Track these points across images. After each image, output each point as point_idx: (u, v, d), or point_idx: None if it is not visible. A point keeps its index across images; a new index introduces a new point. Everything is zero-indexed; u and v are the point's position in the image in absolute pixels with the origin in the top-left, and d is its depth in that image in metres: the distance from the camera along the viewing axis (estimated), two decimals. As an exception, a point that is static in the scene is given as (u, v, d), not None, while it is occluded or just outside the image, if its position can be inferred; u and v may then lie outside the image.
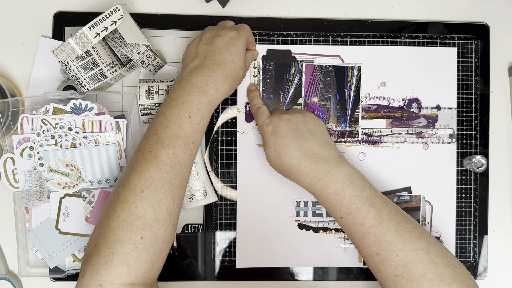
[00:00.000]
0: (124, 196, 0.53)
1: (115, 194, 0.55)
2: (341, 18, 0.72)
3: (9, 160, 0.66)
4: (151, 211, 0.53)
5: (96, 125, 0.66)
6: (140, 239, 0.51)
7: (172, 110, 0.58)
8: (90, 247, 0.53)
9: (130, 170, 0.55)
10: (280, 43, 0.71)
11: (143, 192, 0.53)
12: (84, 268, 0.52)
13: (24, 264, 0.68)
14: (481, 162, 0.71)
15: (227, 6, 0.71)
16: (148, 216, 0.52)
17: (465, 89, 0.72)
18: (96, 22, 0.62)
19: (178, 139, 0.57)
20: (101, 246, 0.51)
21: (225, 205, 0.70)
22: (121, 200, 0.53)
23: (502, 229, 0.73)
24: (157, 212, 0.53)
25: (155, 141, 0.56)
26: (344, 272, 0.71)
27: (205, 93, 0.59)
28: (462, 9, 0.74)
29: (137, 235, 0.51)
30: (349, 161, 0.71)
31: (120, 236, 0.51)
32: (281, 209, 0.71)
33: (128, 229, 0.51)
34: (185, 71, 0.62)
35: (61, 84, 0.69)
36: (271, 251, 0.70)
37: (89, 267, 0.51)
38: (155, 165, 0.55)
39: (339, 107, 0.71)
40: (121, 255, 0.50)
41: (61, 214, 0.67)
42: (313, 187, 0.62)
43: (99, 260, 0.51)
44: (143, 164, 0.55)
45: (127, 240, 0.51)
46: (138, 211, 0.52)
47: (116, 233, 0.51)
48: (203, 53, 0.62)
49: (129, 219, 0.52)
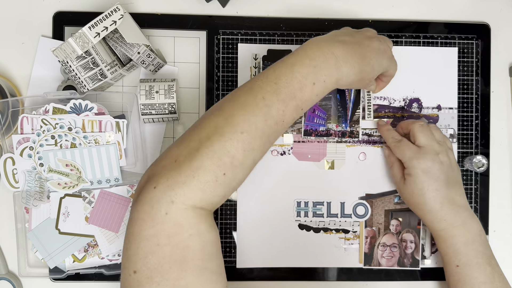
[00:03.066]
0: (223, 129, 0.52)
1: (212, 121, 0.53)
2: (341, 18, 0.72)
3: (9, 160, 0.66)
4: (241, 155, 0.52)
5: (96, 125, 0.66)
6: (223, 175, 0.51)
7: (302, 69, 0.56)
8: (168, 161, 0.52)
9: (236, 105, 0.54)
10: (280, 43, 0.71)
11: (242, 134, 0.52)
12: (157, 180, 0.51)
13: (24, 264, 0.68)
14: (481, 162, 0.71)
15: (227, 5, 0.71)
16: (237, 158, 0.52)
17: (465, 89, 0.72)
18: (96, 22, 0.62)
19: (294, 100, 0.55)
20: (183, 166, 0.51)
21: (225, 205, 0.70)
22: (219, 132, 0.52)
23: (503, 229, 0.73)
24: (245, 158, 0.53)
25: (272, 90, 0.54)
26: (345, 272, 0.71)
27: (339, 69, 0.57)
28: (462, 9, 0.73)
29: (222, 170, 0.51)
30: (350, 161, 0.71)
31: (206, 164, 0.51)
32: (281, 209, 0.71)
33: (215, 162, 0.51)
34: (331, 37, 0.59)
35: (61, 84, 0.69)
36: (272, 251, 0.70)
37: (165, 181, 0.50)
38: (263, 115, 0.53)
39: (339, 107, 0.71)
40: (201, 182, 0.50)
41: (61, 214, 0.66)
42: (444, 231, 0.64)
43: (177, 178, 0.50)
44: (252, 108, 0.53)
45: (211, 171, 0.51)
46: (231, 149, 0.52)
47: (203, 160, 0.51)
48: (356, 39, 0.60)
49: (219, 153, 0.51)
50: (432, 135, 0.65)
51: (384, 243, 0.71)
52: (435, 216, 0.63)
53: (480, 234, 0.63)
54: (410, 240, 0.71)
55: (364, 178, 0.71)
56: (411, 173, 0.64)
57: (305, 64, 0.56)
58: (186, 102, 0.71)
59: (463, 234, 0.63)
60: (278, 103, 0.54)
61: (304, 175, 0.71)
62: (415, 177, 0.63)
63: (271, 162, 0.71)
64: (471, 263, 0.63)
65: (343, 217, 0.71)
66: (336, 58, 0.57)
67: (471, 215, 0.64)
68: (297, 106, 0.56)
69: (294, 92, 0.55)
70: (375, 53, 0.60)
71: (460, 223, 0.63)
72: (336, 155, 0.71)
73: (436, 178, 0.63)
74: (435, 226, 0.64)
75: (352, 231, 0.71)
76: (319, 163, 0.71)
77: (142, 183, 0.53)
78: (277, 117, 0.54)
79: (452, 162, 0.65)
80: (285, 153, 0.71)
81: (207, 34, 0.71)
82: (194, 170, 0.50)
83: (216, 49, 0.71)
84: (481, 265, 0.62)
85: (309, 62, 0.56)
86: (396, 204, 0.71)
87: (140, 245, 0.49)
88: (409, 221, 0.71)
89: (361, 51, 0.59)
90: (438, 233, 0.64)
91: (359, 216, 0.71)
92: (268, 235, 0.70)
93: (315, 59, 0.56)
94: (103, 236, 0.67)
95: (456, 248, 0.63)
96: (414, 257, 0.71)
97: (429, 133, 0.65)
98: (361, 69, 0.59)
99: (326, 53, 0.57)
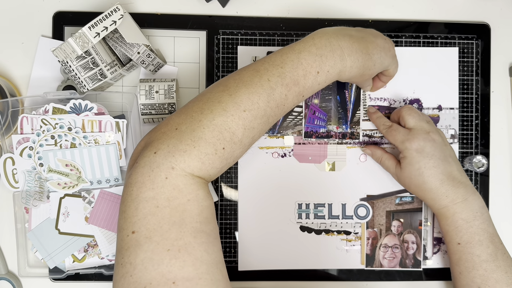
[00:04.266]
0: (226, 104, 0.53)
1: (215, 95, 0.54)
2: (341, 18, 0.72)
3: (8, 160, 0.66)
4: (241, 132, 0.53)
5: (96, 125, 0.66)
6: (222, 149, 0.52)
7: (308, 57, 0.57)
8: (168, 128, 0.53)
9: (241, 83, 0.55)
10: (280, 43, 0.71)
11: (244, 112, 0.53)
12: (157, 145, 0.51)
13: (24, 265, 0.68)
14: (481, 162, 0.70)
15: (227, 5, 0.71)
16: (237, 134, 0.53)
17: (465, 89, 0.72)
18: (96, 22, 0.62)
19: (297, 86, 0.56)
20: (184, 134, 0.52)
21: (225, 205, 0.70)
22: (222, 107, 0.53)
23: (503, 229, 0.73)
24: (245, 135, 0.54)
25: (278, 73, 0.56)
26: (346, 273, 0.71)
27: (343, 61, 0.58)
28: (462, 9, 0.74)
29: (221, 144, 0.52)
30: (351, 162, 0.71)
31: (207, 136, 0.52)
32: (282, 211, 0.70)
33: (216, 135, 0.52)
34: (339, 30, 0.60)
35: (61, 84, 0.69)
36: (273, 254, 0.70)
37: (165, 147, 0.51)
38: (266, 96, 0.55)
39: (340, 108, 0.71)
40: (201, 153, 0.51)
41: (61, 214, 0.66)
42: (446, 209, 0.63)
43: (178, 145, 0.51)
44: (257, 88, 0.54)
45: (212, 143, 0.52)
46: (232, 125, 0.53)
47: (204, 132, 0.52)
48: (362, 34, 0.61)
49: (221, 127, 0.52)
50: (420, 116, 0.65)
51: (386, 244, 0.71)
52: (436, 193, 0.63)
53: (482, 211, 0.63)
54: (412, 241, 0.71)
55: (365, 179, 0.71)
56: (405, 156, 0.64)
57: (312, 52, 0.57)
58: (186, 102, 0.71)
59: (464, 210, 0.62)
60: (282, 87, 0.55)
61: (305, 177, 0.71)
62: (410, 159, 0.63)
63: (272, 164, 0.71)
64: (473, 241, 0.62)
65: (345, 219, 0.71)
66: (342, 50, 0.58)
67: (472, 191, 0.63)
68: (299, 92, 0.57)
69: (298, 78, 0.56)
70: (379, 49, 0.61)
71: (461, 199, 0.62)
72: (337, 156, 0.71)
73: (431, 156, 0.63)
74: (437, 204, 0.64)
75: (353, 232, 0.71)
76: (320, 165, 0.71)
77: (139, 149, 0.54)
78: (279, 100, 0.56)
79: (444, 139, 0.65)
80: (286, 155, 0.71)
81: (207, 34, 0.71)
82: (195, 140, 0.51)
83: (216, 49, 0.71)
84: (483, 242, 0.62)
85: (315, 51, 0.57)
86: (397, 205, 0.71)
87: (139, 206, 0.50)
88: (410, 222, 0.71)
89: (366, 46, 0.60)
90: (440, 211, 0.64)
91: (361, 218, 0.71)
92: (269, 237, 0.70)
93: (322, 48, 0.57)
94: (103, 236, 0.66)
95: (457, 225, 0.63)
96: (416, 258, 0.71)
97: (417, 114, 0.66)
98: (363, 63, 0.59)
99: (333, 44, 0.58)
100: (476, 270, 0.61)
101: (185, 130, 0.52)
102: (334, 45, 0.58)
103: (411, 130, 0.64)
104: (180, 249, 0.48)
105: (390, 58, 0.63)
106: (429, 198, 0.64)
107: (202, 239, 0.50)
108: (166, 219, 0.49)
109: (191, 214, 0.50)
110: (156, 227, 0.48)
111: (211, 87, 0.56)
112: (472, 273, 0.62)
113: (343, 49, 0.58)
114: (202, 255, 0.49)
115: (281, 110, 0.57)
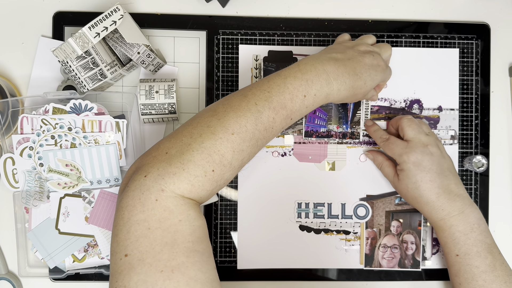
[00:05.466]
0: (215, 128, 0.54)
1: (204, 120, 0.55)
2: (341, 18, 0.72)
3: (9, 160, 0.66)
4: (230, 154, 0.54)
5: (96, 125, 0.66)
6: (212, 171, 0.53)
7: (294, 81, 0.58)
8: (158, 152, 0.54)
9: (229, 108, 0.56)
10: (280, 42, 0.71)
11: (233, 135, 0.54)
12: (147, 169, 0.52)
13: (24, 264, 0.68)
14: (481, 162, 0.70)
15: (227, 5, 0.71)
16: (226, 157, 0.54)
17: (465, 89, 0.72)
18: (96, 22, 0.62)
19: (284, 109, 0.57)
20: (173, 158, 0.52)
21: (225, 205, 0.70)
22: (211, 131, 0.54)
23: (503, 229, 0.73)
24: (234, 158, 0.55)
25: (265, 97, 0.57)
26: (346, 273, 0.71)
27: (330, 85, 0.59)
28: (462, 9, 0.73)
29: (211, 166, 0.53)
30: (351, 162, 0.71)
31: (196, 159, 0.52)
32: (282, 210, 0.70)
33: (205, 158, 0.53)
34: (323, 55, 0.62)
35: (61, 84, 0.69)
36: (273, 252, 0.70)
37: (155, 170, 0.52)
38: (254, 119, 0.56)
39: (340, 108, 0.71)
40: (190, 175, 0.52)
41: (61, 214, 0.66)
42: (442, 222, 0.64)
43: (168, 168, 0.52)
44: (244, 112, 0.56)
45: (201, 165, 0.52)
46: (221, 148, 0.54)
47: (193, 155, 0.52)
48: (349, 56, 0.62)
49: (210, 150, 0.53)
50: (419, 128, 0.66)
51: (385, 244, 0.71)
52: (433, 207, 0.64)
53: (479, 223, 0.63)
54: (411, 241, 0.71)
55: (364, 179, 0.71)
56: (403, 168, 0.64)
57: (297, 77, 0.58)
58: (186, 102, 0.71)
59: (461, 223, 0.63)
60: (269, 110, 0.56)
61: (304, 176, 0.71)
62: (407, 172, 0.64)
63: (272, 163, 0.71)
64: (471, 252, 0.63)
65: (344, 218, 0.71)
66: (327, 75, 0.59)
67: (469, 203, 0.64)
68: (287, 115, 0.58)
69: (285, 102, 0.57)
70: (367, 68, 0.62)
71: (458, 212, 0.63)
72: (337, 156, 0.71)
73: (428, 170, 0.63)
74: (434, 216, 0.64)
75: (352, 232, 0.71)
76: (319, 164, 0.71)
77: (130, 173, 0.54)
78: (267, 123, 0.57)
79: (443, 152, 0.66)
80: (286, 154, 0.71)
81: (207, 34, 0.71)
82: (185, 163, 0.52)
83: (216, 49, 0.71)
84: (481, 253, 0.62)
85: (301, 75, 0.58)
86: (397, 205, 0.71)
87: (131, 229, 0.50)
88: (410, 222, 0.71)
89: (353, 67, 0.61)
90: (437, 223, 0.65)
91: (360, 217, 0.71)
92: (268, 236, 0.70)
93: (307, 73, 0.59)
94: (103, 236, 0.66)
95: (455, 237, 0.63)
96: (415, 258, 0.71)
97: (416, 126, 0.66)
98: (352, 84, 0.60)
99: (318, 69, 0.59)
100: (476, 281, 0.62)
101: (175, 154, 0.53)
102: (319, 69, 0.59)
103: (409, 142, 0.65)
104: (174, 269, 0.48)
105: (381, 73, 0.64)
106: (426, 210, 0.65)
107: (195, 258, 0.50)
108: (158, 241, 0.49)
109: (183, 234, 0.50)
110: (148, 249, 0.49)
111: (200, 113, 0.58)
112: (472, 284, 0.62)
113: (329, 73, 0.59)
114: (196, 274, 0.49)
115: (269, 133, 0.58)
